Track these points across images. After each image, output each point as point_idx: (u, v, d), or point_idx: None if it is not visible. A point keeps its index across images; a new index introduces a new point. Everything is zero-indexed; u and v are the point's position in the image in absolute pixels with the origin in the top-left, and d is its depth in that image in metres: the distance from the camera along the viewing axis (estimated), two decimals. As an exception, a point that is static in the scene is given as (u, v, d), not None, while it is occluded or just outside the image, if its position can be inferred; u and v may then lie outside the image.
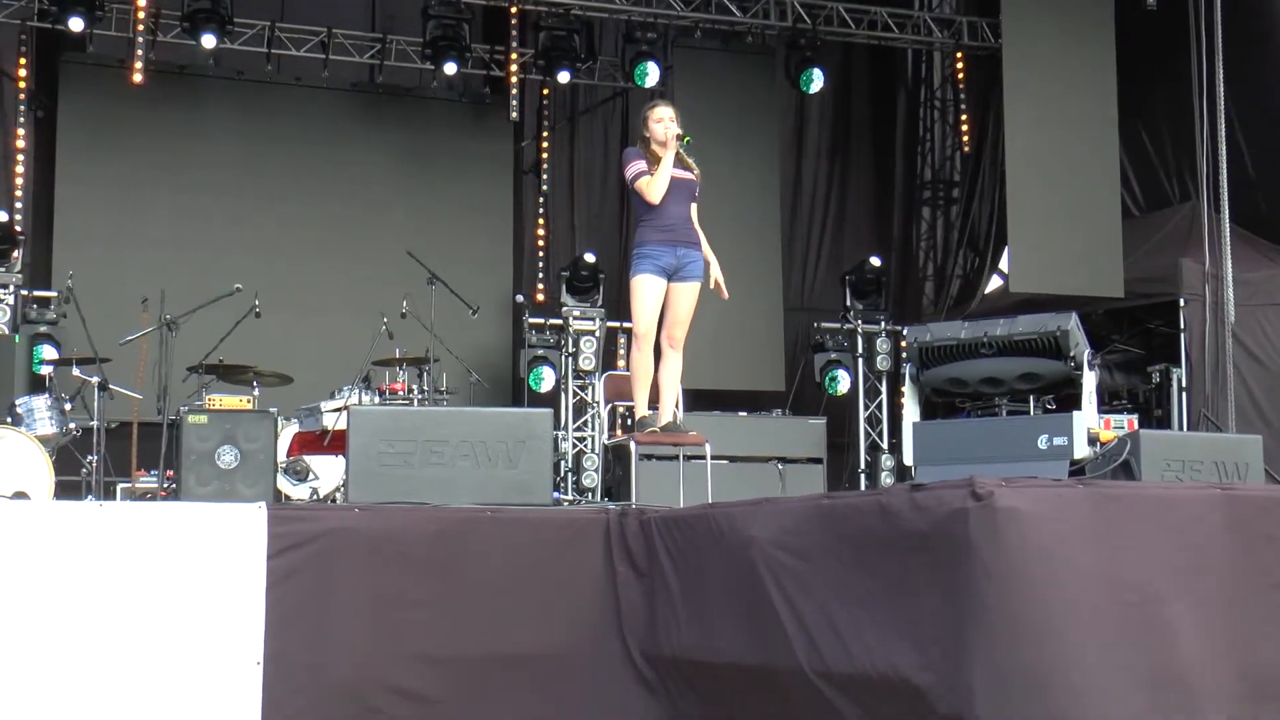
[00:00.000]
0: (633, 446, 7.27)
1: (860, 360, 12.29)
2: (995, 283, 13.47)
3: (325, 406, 8.97)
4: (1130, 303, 11.66)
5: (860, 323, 12.33)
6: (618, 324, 11.83)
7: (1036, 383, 8.02)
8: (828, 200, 14.40)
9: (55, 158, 12.04)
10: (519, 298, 12.43)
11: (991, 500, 3.84)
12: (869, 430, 12.31)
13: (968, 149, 14.25)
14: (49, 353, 9.74)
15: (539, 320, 12.00)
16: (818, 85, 12.80)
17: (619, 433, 10.68)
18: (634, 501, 7.07)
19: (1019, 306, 10.63)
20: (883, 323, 12.42)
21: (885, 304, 12.72)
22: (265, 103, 12.58)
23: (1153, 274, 11.54)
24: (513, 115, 12.84)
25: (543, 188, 13.50)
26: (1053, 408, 8.15)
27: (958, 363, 8.16)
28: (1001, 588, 3.83)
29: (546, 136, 13.59)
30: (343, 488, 6.92)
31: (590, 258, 12.07)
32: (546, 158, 13.56)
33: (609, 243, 13.23)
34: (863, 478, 12.02)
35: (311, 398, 9.30)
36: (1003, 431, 7.75)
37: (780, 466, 10.17)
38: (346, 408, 7.81)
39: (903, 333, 9.33)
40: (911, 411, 8.40)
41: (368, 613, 5.25)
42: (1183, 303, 11.17)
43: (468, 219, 12.98)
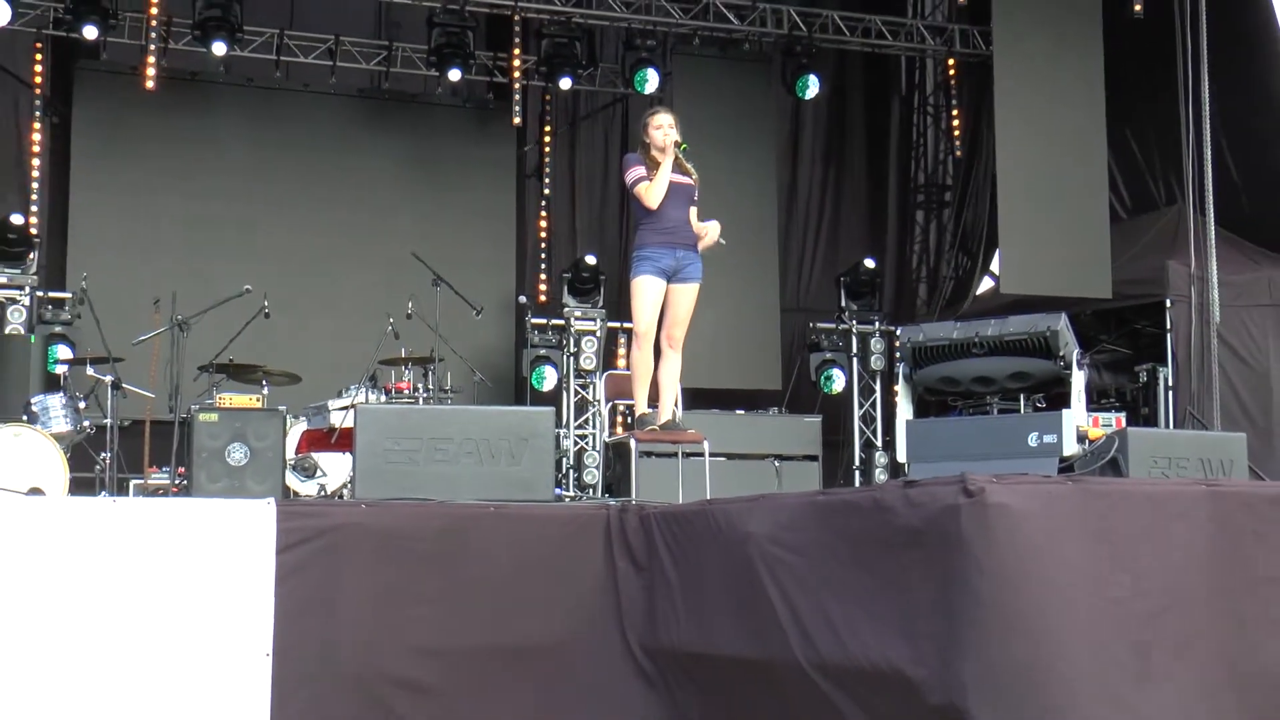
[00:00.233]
0: (633, 444, 7.26)
1: (855, 360, 12.37)
2: (987, 284, 13.48)
3: (333, 405, 9.03)
4: (1118, 304, 11.68)
5: (855, 323, 12.43)
6: (618, 324, 11.88)
7: (1027, 381, 8.03)
8: (823, 204, 14.41)
9: (70, 162, 12.09)
10: (521, 299, 12.46)
11: (983, 496, 3.87)
12: (863, 428, 12.39)
13: (960, 154, 14.27)
14: (64, 352, 9.79)
15: (541, 320, 12.07)
16: (813, 91, 12.83)
17: (619, 430, 10.79)
18: (634, 498, 7.11)
19: (1010, 307, 10.65)
20: (877, 323, 12.49)
21: (879, 305, 12.77)
22: (274, 108, 12.62)
23: (1140, 276, 11.57)
24: (515, 120, 12.90)
25: (545, 191, 13.54)
26: (1042, 406, 8.14)
27: (950, 362, 8.17)
28: (993, 582, 3.85)
29: (548, 141, 13.61)
30: (350, 484, 6.94)
31: (591, 259, 12.14)
32: (548, 162, 13.59)
33: (609, 245, 13.27)
34: (857, 474, 12.09)
35: (319, 396, 9.36)
36: (994, 429, 7.73)
37: (777, 463, 10.22)
38: (354, 406, 7.88)
39: (896, 333, 9.29)
40: (905, 410, 8.39)
41: (374, 605, 5.24)
42: (1169, 304, 11.21)
43: (471, 222, 12.99)
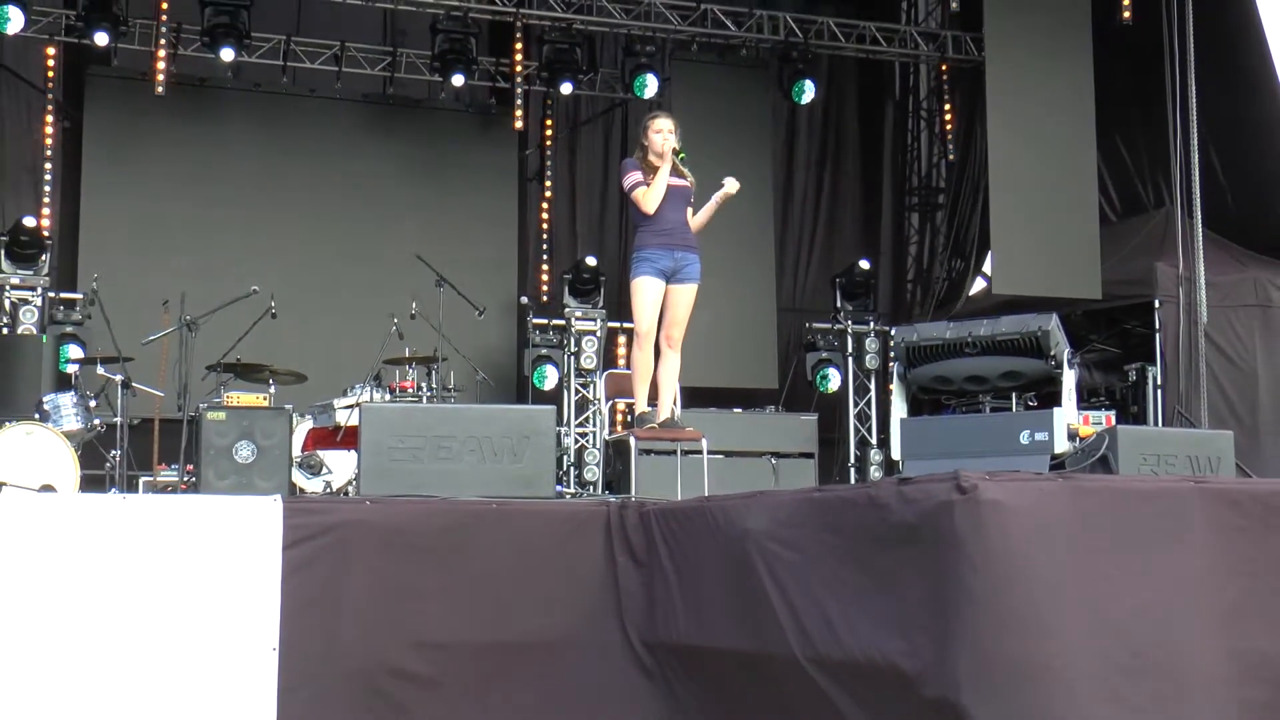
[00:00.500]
0: (632, 442, 7.29)
1: (850, 359, 12.45)
2: (979, 285, 13.54)
3: (338, 403, 9.08)
4: (1108, 304, 11.78)
5: (850, 323, 12.52)
6: (618, 324, 11.96)
7: (1018, 380, 8.14)
8: (818, 206, 14.46)
9: (81, 166, 12.16)
10: (523, 299, 12.53)
11: (976, 493, 3.90)
12: (858, 426, 12.47)
13: (953, 157, 14.33)
14: (74, 352, 9.81)
15: (542, 321, 12.13)
16: (809, 96, 12.91)
17: (619, 428, 10.83)
18: (634, 494, 7.13)
19: (1002, 308, 10.69)
20: (871, 323, 12.57)
21: (874, 305, 12.84)
22: (281, 113, 12.68)
23: (1129, 277, 11.66)
24: (517, 125, 13.00)
25: (546, 193, 13.57)
26: (1034, 404, 8.27)
27: (943, 361, 8.28)
28: (986, 576, 3.88)
29: (549, 145, 13.63)
30: (355, 481, 6.92)
31: (591, 261, 12.21)
32: (549, 165, 13.62)
33: (609, 246, 13.32)
34: (852, 472, 12.16)
35: (325, 395, 9.42)
36: (986, 427, 7.79)
37: (773, 461, 10.31)
38: (359, 405, 7.89)
39: (891, 333, 9.41)
40: (899, 408, 8.48)
41: (379, 600, 5.30)
42: (1158, 304, 11.31)
43: (474, 224, 13.04)
